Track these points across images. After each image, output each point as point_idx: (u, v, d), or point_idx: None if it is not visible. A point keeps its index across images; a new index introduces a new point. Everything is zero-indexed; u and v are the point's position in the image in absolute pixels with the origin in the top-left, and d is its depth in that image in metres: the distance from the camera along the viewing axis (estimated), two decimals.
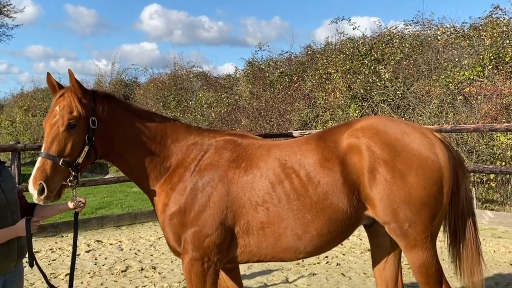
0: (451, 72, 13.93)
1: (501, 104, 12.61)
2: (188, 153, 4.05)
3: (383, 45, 16.76)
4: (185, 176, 3.97)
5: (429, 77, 14.76)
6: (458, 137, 13.03)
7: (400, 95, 15.07)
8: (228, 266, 4.36)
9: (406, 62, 15.62)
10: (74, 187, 3.91)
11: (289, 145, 4.13)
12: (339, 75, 16.83)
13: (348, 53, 17.36)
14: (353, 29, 18.53)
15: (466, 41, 14.70)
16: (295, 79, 19.05)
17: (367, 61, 16.49)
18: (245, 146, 4.11)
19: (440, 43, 15.53)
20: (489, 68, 13.30)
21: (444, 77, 14.02)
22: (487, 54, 13.37)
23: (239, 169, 3.98)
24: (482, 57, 13.53)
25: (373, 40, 17.48)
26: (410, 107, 14.84)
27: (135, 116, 4.08)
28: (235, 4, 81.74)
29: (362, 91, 15.97)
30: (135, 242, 9.85)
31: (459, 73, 13.73)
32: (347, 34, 18.96)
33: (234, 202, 3.91)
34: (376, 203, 3.86)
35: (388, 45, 16.69)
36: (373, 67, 16.26)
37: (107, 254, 8.96)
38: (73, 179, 3.80)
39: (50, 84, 3.99)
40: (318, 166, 3.93)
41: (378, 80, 15.76)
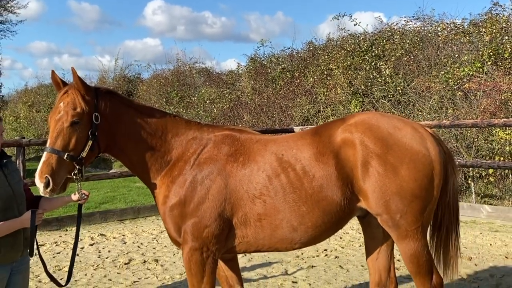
0: (450, 68, 14.04)
1: (500, 99, 12.72)
2: (188, 147, 4.21)
3: (384, 41, 16.87)
4: (185, 170, 4.12)
5: (429, 73, 14.86)
6: (457, 132, 13.15)
7: (401, 91, 15.18)
8: (227, 256, 4.52)
9: (406, 58, 15.72)
10: (79, 180, 4.07)
11: (285, 140, 4.28)
12: (340, 71, 16.95)
13: (349, 49, 17.47)
14: (355, 25, 18.67)
15: (466, 37, 14.80)
16: (297, 75, 19.17)
17: (368, 57, 16.60)
18: (243, 140, 4.26)
19: (440, 39, 15.63)
20: (488, 64, 13.41)
21: (444, 73, 14.13)
22: (486, 50, 13.48)
23: (237, 163, 4.13)
24: (481, 53, 13.64)
25: (374, 36, 17.57)
26: (410, 103, 14.96)
27: (136, 112, 4.23)
28: None
29: (363, 87, 16.08)
30: (138, 235, 10.03)
31: (458, 69, 13.83)
32: (348, 30, 19.08)
33: (232, 194, 4.06)
34: (369, 195, 4.01)
35: (389, 41, 16.79)
36: (374, 63, 16.37)
37: (110, 247, 9.13)
38: (78, 172, 3.95)
39: (54, 81, 4.14)
40: (313, 160, 4.07)
41: (378, 76, 15.87)
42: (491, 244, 8.88)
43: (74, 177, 3.95)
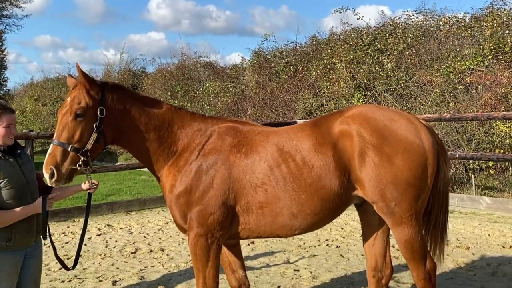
0: (452, 62, 14.19)
1: (500, 93, 12.88)
2: (193, 139, 4.41)
3: (387, 35, 17.02)
4: (190, 160, 4.32)
5: (431, 67, 15.01)
6: (458, 125, 13.31)
7: (403, 85, 15.34)
8: (230, 242, 4.74)
9: (408, 52, 15.87)
10: (88, 172, 4.29)
11: (286, 131, 4.48)
12: (343, 65, 17.11)
13: (352, 43, 17.62)
14: (358, 19, 18.81)
15: (468, 32, 14.94)
16: (300, 69, 19.33)
17: (370, 51, 16.76)
18: (246, 132, 4.46)
19: (442, 33, 15.78)
20: (489, 58, 13.56)
21: (445, 67, 14.28)
22: (487, 44, 13.62)
23: (240, 153, 4.33)
24: (482, 47, 13.79)
25: (377, 31, 17.73)
26: (412, 97, 15.11)
27: (143, 105, 4.41)
28: None
29: (366, 81, 16.25)
30: (144, 226, 10.26)
31: (460, 63, 13.99)
32: (351, 24, 19.23)
33: (235, 183, 4.26)
34: (365, 184, 4.21)
35: (391, 35, 16.94)
36: (376, 57, 16.53)
37: (117, 237, 9.37)
38: (82, 163, 4.15)
39: (70, 84, 4.36)
40: (313, 151, 4.27)
41: (381, 70, 16.03)
42: (489, 235, 9.08)
43: (79, 168, 4.14)
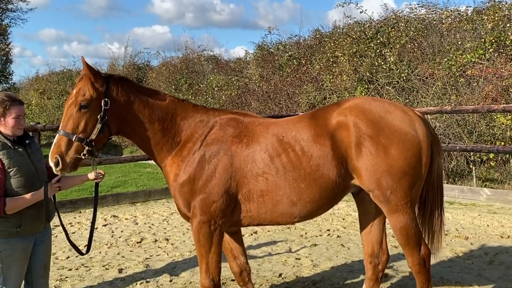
0: (453, 55, 14.30)
1: (501, 86, 13.00)
2: (196, 129, 4.57)
3: (389, 28, 17.11)
4: (193, 150, 4.49)
5: (433, 60, 15.12)
6: (459, 118, 13.44)
7: (405, 78, 15.44)
8: (232, 229, 4.92)
9: (411, 46, 15.95)
10: (94, 162, 4.48)
11: (285, 123, 4.64)
12: (346, 58, 17.21)
13: (354, 36, 17.72)
14: (360, 12, 18.93)
15: (469, 25, 15.03)
16: (303, 62, 19.44)
17: (373, 45, 16.85)
18: (247, 123, 4.63)
19: (444, 26, 15.86)
20: (490, 51, 13.66)
21: (447, 60, 14.39)
22: (489, 37, 13.73)
23: (242, 143, 4.50)
24: (484, 40, 13.89)
25: (379, 24, 17.82)
26: (414, 90, 15.21)
27: (147, 97, 4.57)
28: None
29: (368, 74, 16.35)
30: (149, 217, 10.46)
31: (461, 56, 14.09)
32: (354, 18, 19.32)
33: (237, 172, 4.43)
34: (362, 173, 4.38)
35: (394, 29, 17.03)
36: (379, 50, 16.62)
37: (123, 227, 9.58)
38: (87, 153, 4.31)
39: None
40: (311, 141, 4.44)
41: (383, 63, 16.12)
42: (488, 225, 9.24)
43: (84, 157, 4.30)
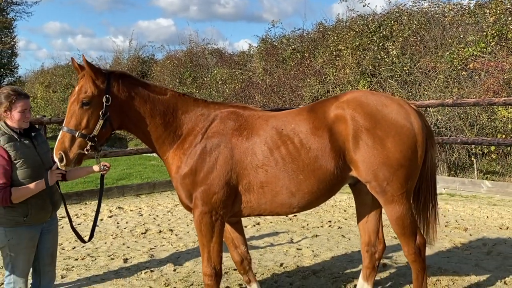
0: (455, 49, 14.38)
1: (502, 79, 13.08)
2: (197, 123, 4.69)
3: (392, 22, 17.17)
4: (195, 143, 4.61)
5: (435, 53, 15.20)
6: (461, 111, 13.53)
7: (407, 71, 15.53)
8: (232, 219, 5.06)
9: (413, 39, 16.03)
10: (97, 155, 4.61)
11: (284, 116, 4.76)
12: (349, 51, 17.30)
13: (357, 30, 17.79)
14: (363, 6, 18.94)
15: (471, 18, 15.10)
16: (307, 55, 19.53)
17: (376, 38, 16.93)
18: (246, 116, 4.75)
19: (446, 20, 15.93)
20: (492, 44, 13.73)
21: (449, 53, 14.47)
22: (491, 30, 13.80)
23: (242, 136, 4.62)
24: (485, 33, 13.96)
25: (382, 17, 17.89)
26: (416, 83, 15.30)
27: (148, 92, 4.67)
28: None
29: (371, 67, 16.45)
30: (154, 209, 10.63)
31: (463, 49, 14.17)
32: (357, 11, 19.40)
33: (237, 164, 4.56)
34: (359, 165, 4.50)
35: (397, 22, 17.10)
36: (381, 44, 16.70)
37: (128, 219, 9.74)
38: (90, 148, 4.44)
39: (75, 67, 4.64)
40: (310, 134, 4.56)
41: (386, 56, 16.21)
42: (487, 217, 9.36)
43: (87, 152, 4.43)
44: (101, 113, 4.42)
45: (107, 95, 4.45)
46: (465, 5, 16.22)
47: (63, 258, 7.27)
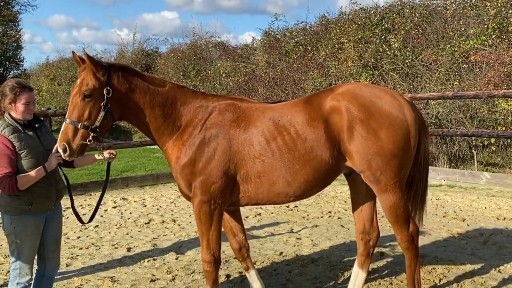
0: (457, 41, 14.45)
1: (503, 71, 13.16)
2: (195, 114, 4.82)
3: (394, 14, 17.25)
4: (193, 134, 4.74)
5: (437, 46, 15.28)
6: (461, 103, 13.62)
7: (409, 64, 15.62)
8: (231, 208, 5.20)
9: (415, 32, 16.11)
10: (100, 146, 4.75)
11: (281, 107, 4.89)
12: (351, 44, 17.39)
13: (360, 23, 17.88)
14: None
15: (473, 11, 15.16)
16: (310, 48, 19.62)
17: (378, 31, 17.02)
18: (244, 108, 4.88)
19: (448, 12, 15.99)
20: (493, 37, 13.80)
21: (450, 46, 14.55)
22: (491, 23, 13.87)
23: (239, 127, 4.75)
24: (486, 26, 14.03)
25: (385, 10, 17.96)
26: (418, 75, 15.39)
27: (148, 83, 4.79)
28: None
29: (373, 60, 16.54)
30: (157, 199, 10.80)
31: (464, 42, 14.25)
32: (360, 4, 19.49)
33: (235, 155, 4.69)
34: (354, 155, 4.63)
35: (399, 15, 17.17)
36: (383, 37, 16.80)
37: (132, 209, 9.91)
38: (92, 139, 4.57)
39: (76, 61, 4.77)
40: (306, 125, 4.69)
41: (388, 49, 16.30)
42: (485, 208, 9.48)
43: (89, 143, 4.56)
44: (102, 104, 4.54)
45: (108, 87, 4.56)
46: None
47: (68, 247, 7.45)
